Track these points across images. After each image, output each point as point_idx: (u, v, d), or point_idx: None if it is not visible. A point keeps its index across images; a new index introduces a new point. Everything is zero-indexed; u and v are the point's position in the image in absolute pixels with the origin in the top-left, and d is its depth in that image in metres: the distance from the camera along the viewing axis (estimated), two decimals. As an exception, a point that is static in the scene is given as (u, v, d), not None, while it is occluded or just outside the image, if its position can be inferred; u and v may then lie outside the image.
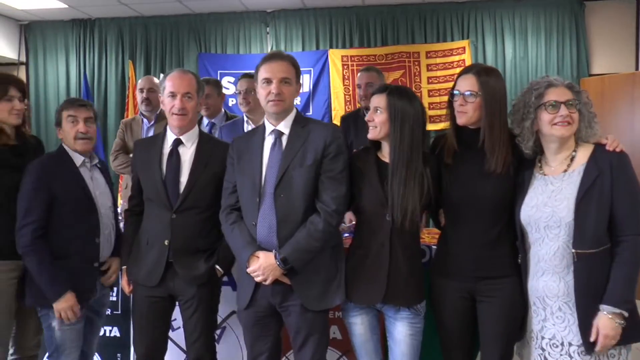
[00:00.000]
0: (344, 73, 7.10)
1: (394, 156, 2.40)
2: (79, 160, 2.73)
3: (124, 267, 2.79)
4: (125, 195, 3.36)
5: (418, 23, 7.19)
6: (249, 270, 2.42)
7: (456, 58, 6.99)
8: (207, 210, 2.65)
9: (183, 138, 2.68)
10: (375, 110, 2.44)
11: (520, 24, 7.01)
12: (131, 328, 2.92)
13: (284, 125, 2.49)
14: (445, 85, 6.91)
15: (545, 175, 2.30)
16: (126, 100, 7.07)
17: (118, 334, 3.30)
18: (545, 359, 2.25)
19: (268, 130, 2.51)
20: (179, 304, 2.73)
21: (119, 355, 3.35)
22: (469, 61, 6.89)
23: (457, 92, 2.43)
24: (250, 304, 2.49)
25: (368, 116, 2.46)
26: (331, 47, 7.27)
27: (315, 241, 2.37)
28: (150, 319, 2.68)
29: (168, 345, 2.85)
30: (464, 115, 2.41)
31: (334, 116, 6.99)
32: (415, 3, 7.11)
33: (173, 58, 7.60)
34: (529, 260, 2.33)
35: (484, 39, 7.10)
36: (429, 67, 7.05)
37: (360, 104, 4.17)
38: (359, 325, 2.52)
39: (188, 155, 2.67)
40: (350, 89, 7.09)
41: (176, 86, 2.63)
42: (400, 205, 2.35)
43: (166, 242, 2.61)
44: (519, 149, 2.34)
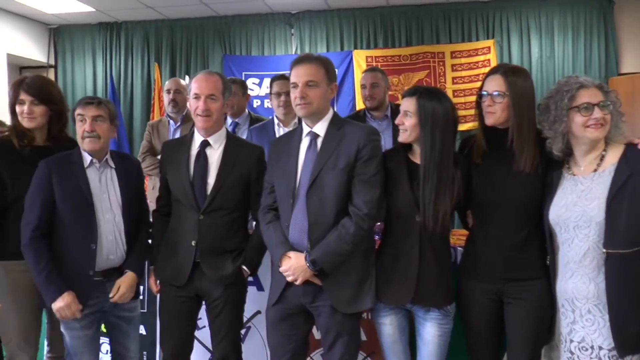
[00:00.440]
0: (367, 74, 7.08)
1: (426, 161, 2.38)
2: (87, 161, 2.66)
3: (151, 267, 2.83)
4: (151, 196, 3.38)
5: (443, 23, 7.16)
6: (281, 270, 2.45)
7: (481, 58, 6.94)
8: (234, 212, 2.67)
9: (210, 140, 2.70)
10: (405, 114, 2.43)
11: (546, 22, 6.93)
12: (157, 327, 2.95)
13: (319, 127, 2.49)
14: (470, 85, 6.88)
15: (574, 175, 2.27)
16: (152, 102, 7.13)
17: (144, 332, 3.33)
18: (574, 362, 2.22)
19: (304, 132, 2.52)
20: (205, 304, 2.75)
21: (144, 353, 3.38)
22: (494, 61, 6.83)
23: (485, 93, 2.41)
24: (280, 300, 2.51)
25: (398, 120, 2.45)
26: (355, 48, 7.26)
27: (345, 244, 2.37)
28: (177, 318, 2.71)
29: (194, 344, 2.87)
30: (492, 116, 2.39)
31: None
32: (439, 3, 7.07)
33: (198, 60, 7.66)
34: (558, 262, 2.31)
35: (509, 38, 7.04)
36: (454, 68, 7.01)
37: (365, 104, 4.14)
38: (388, 325, 2.51)
39: (215, 156, 2.69)
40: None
41: (201, 88, 2.64)
42: (433, 210, 2.34)
43: (193, 243, 2.63)
44: (547, 149, 2.31)
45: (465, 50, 7.01)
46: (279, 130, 3.85)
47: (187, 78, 5.71)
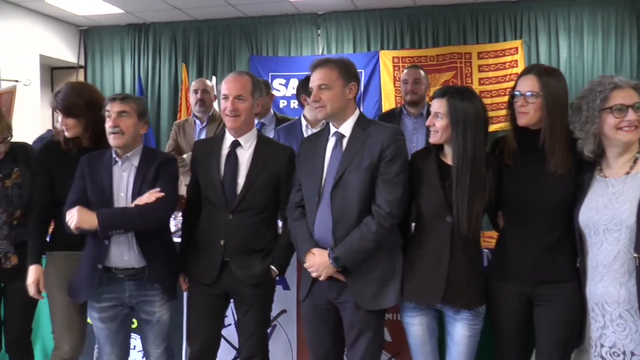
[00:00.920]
0: (395, 74, 7.05)
1: (458, 162, 2.38)
2: (114, 158, 2.70)
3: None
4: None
5: (470, 23, 7.11)
6: (305, 266, 2.51)
7: (508, 59, 6.86)
8: (264, 212, 2.70)
9: (241, 140, 2.72)
10: (435, 115, 2.42)
11: (575, 22, 6.84)
12: (183, 324, 2.98)
13: (345, 128, 2.52)
14: (497, 86, 6.82)
15: (606, 177, 2.24)
16: (179, 102, 7.20)
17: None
18: (605, 368, 2.19)
19: (331, 132, 2.56)
20: (233, 302, 2.79)
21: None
22: (521, 62, 6.76)
23: (518, 93, 2.39)
24: (309, 295, 2.57)
25: (429, 121, 2.45)
26: (382, 49, 7.24)
27: (367, 242, 2.39)
28: (205, 315, 2.74)
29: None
30: (525, 116, 2.38)
31: (384, 118, 6.96)
32: (467, 3, 7.02)
33: (225, 61, 7.72)
34: (587, 265, 2.28)
35: (537, 38, 6.96)
36: (481, 68, 6.94)
37: (406, 99, 4.15)
38: (416, 326, 2.52)
39: (246, 157, 2.71)
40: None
41: (229, 89, 2.68)
42: (466, 212, 2.34)
43: (222, 242, 2.66)
44: (578, 149, 2.28)
45: (493, 51, 6.93)
46: (307, 130, 3.86)
47: (214, 79, 5.76)
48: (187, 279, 2.82)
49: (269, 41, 7.61)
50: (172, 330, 2.87)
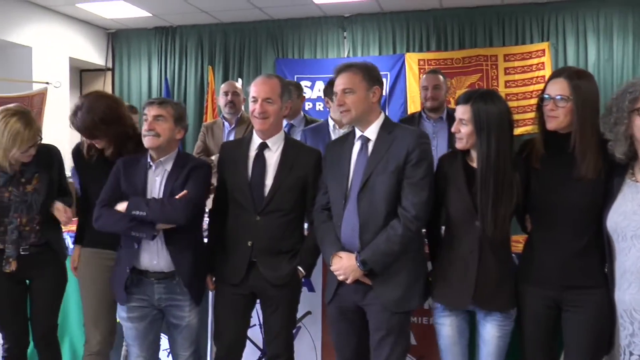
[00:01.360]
0: (421, 77, 7.01)
1: (483, 166, 2.37)
2: (147, 163, 2.73)
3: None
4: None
5: (496, 25, 7.07)
6: (332, 269, 2.52)
7: (535, 61, 6.76)
8: (291, 213, 2.71)
9: (269, 142, 2.74)
10: (460, 122, 2.42)
11: (605, 24, 6.75)
12: (209, 323, 3.00)
13: (370, 132, 2.53)
14: (523, 89, 6.75)
15: (637, 182, 2.20)
16: (205, 104, 7.26)
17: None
18: (635, 376, 2.16)
19: (356, 136, 2.57)
20: (260, 302, 2.80)
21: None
22: (548, 64, 6.67)
23: (548, 96, 2.36)
24: (334, 298, 2.58)
25: (454, 127, 2.45)
26: (408, 51, 7.22)
27: (394, 245, 2.40)
28: (232, 315, 2.75)
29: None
30: (555, 120, 2.35)
31: (409, 120, 6.94)
32: (494, 5, 6.98)
33: (251, 63, 7.77)
34: (615, 271, 2.24)
35: (565, 40, 6.89)
36: (507, 71, 6.86)
37: (426, 105, 4.14)
38: (447, 326, 2.52)
39: (273, 159, 2.73)
40: (427, 92, 7.02)
41: (258, 91, 2.70)
42: (491, 215, 2.34)
43: (250, 243, 2.68)
44: (609, 151, 2.25)
45: (519, 53, 6.85)
46: (334, 131, 3.89)
47: (240, 81, 5.80)
48: (214, 279, 2.84)
49: (294, 44, 7.64)
50: (198, 330, 2.88)
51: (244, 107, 4.45)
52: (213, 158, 4.01)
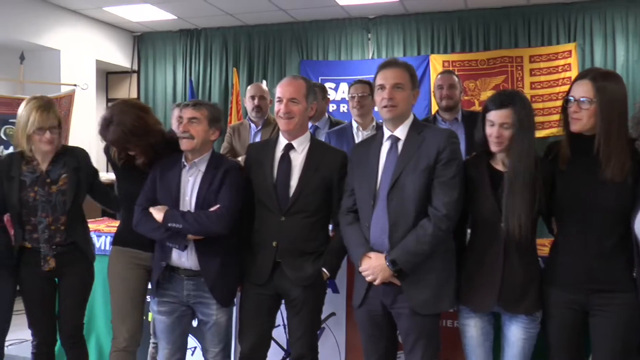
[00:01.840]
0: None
1: (513, 169, 2.37)
2: (182, 163, 2.78)
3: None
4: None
5: (522, 26, 6.99)
6: (360, 269, 2.50)
7: (561, 62, 6.69)
8: (316, 214, 2.71)
9: (294, 143, 2.75)
10: (501, 126, 2.38)
11: (634, 24, 6.61)
12: (233, 322, 3.01)
13: (400, 131, 2.53)
14: (549, 90, 6.67)
15: None
16: (229, 105, 7.30)
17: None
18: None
19: (385, 136, 2.57)
20: (284, 303, 2.80)
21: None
22: (575, 65, 6.59)
23: (572, 98, 2.34)
24: (364, 302, 2.56)
25: (496, 132, 2.40)
26: (432, 53, 7.18)
27: (424, 245, 2.39)
28: (257, 314, 2.77)
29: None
30: (578, 122, 2.33)
31: (433, 122, 6.89)
32: (519, 5, 6.91)
33: (275, 65, 7.79)
34: (642, 275, 2.22)
35: (592, 41, 6.78)
36: (533, 72, 6.79)
37: (441, 104, 4.11)
38: (472, 328, 2.51)
39: (299, 160, 2.74)
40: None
41: (283, 92, 2.72)
42: (517, 219, 2.32)
43: (274, 244, 2.68)
44: (638, 148, 2.22)
45: (545, 54, 6.77)
46: (358, 133, 3.90)
47: (264, 82, 5.82)
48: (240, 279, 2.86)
49: (319, 45, 7.64)
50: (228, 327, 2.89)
51: (270, 110, 4.48)
52: (239, 159, 4.03)
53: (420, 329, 2.47)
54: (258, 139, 4.21)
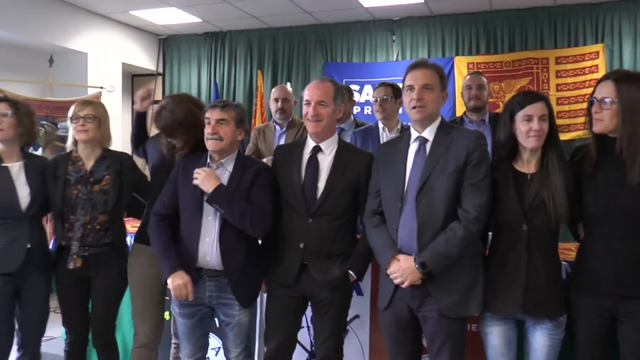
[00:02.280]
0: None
1: (542, 168, 2.37)
2: (207, 163, 2.79)
3: None
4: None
5: (548, 27, 6.88)
6: (388, 272, 2.48)
7: (588, 64, 6.57)
8: (343, 216, 2.71)
9: (322, 145, 2.76)
10: (541, 118, 2.38)
11: (666, 24, 6.48)
12: (257, 322, 3.03)
13: (428, 132, 2.52)
14: (575, 92, 6.57)
15: None
16: (254, 108, 7.33)
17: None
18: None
19: (413, 137, 2.56)
20: (311, 305, 2.81)
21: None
22: (602, 67, 6.47)
23: (594, 99, 2.34)
24: (390, 305, 2.55)
25: (536, 126, 2.38)
26: (457, 54, 7.11)
27: (453, 247, 2.37)
28: (283, 316, 2.78)
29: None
30: (600, 123, 2.32)
31: (457, 124, 6.85)
32: (545, 6, 6.81)
33: (299, 67, 7.79)
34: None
35: (620, 42, 6.64)
36: (559, 74, 6.69)
37: (469, 105, 4.08)
38: (495, 336, 2.48)
39: (326, 162, 2.74)
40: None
41: (311, 94, 2.73)
42: (546, 218, 2.31)
43: (301, 246, 2.69)
44: None
45: (572, 56, 6.67)
46: (383, 135, 3.91)
47: (289, 84, 5.84)
48: (267, 281, 2.87)
49: (343, 48, 7.62)
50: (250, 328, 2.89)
51: (294, 111, 4.49)
52: (265, 160, 4.06)
53: (447, 333, 2.45)
54: (283, 141, 4.23)
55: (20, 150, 3.11)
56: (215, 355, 3.53)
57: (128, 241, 3.33)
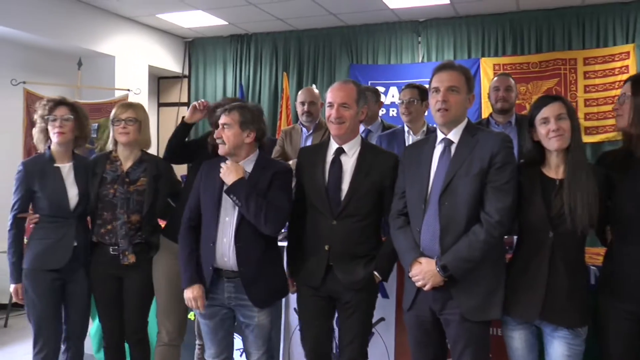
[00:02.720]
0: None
1: (574, 166, 2.32)
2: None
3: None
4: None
5: (576, 27, 6.77)
6: (410, 274, 2.48)
7: (618, 64, 6.46)
8: (367, 218, 2.71)
9: (345, 147, 2.76)
10: (558, 117, 2.35)
11: (700, 23, 6.33)
12: (281, 324, 3.04)
13: (453, 134, 2.50)
14: (604, 94, 6.47)
15: None
16: (279, 110, 7.36)
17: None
18: None
19: (439, 139, 2.54)
20: (337, 306, 2.81)
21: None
22: (633, 67, 6.36)
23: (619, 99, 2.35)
24: (412, 306, 2.55)
25: (554, 126, 2.36)
26: (483, 56, 7.06)
27: (475, 251, 2.35)
28: (315, 316, 2.80)
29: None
30: (620, 119, 2.34)
31: (483, 126, 6.78)
32: (573, 6, 6.71)
33: (325, 69, 7.79)
34: None
35: (652, 42, 6.52)
36: (587, 75, 6.59)
37: (497, 106, 4.03)
38: (516, 340, 2.47)
39: (350, 163, 2.74)
40: (502, 97, 6.85)
41: (334, 97, 2.73)
42: (576, 217, 2.27)
43: (326, 247, 2.70)
44: None
45: (601, 56, 6.57)
46: (409, 137, 3.89)
47: (314, 86, 5.85)
48: (295, 282, 2.89)
49: (369, 49, 7.60)
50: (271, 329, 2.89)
51: (321, 114, 4.50)
52: (291, 162, 4.07)
53: (469, 336, 2.43)
54: (309, 143, 4.23)
55: (71, 152, 3.21)
56: (240, 356, 3.54)
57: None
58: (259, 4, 6.74)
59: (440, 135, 2.54)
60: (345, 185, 2.71)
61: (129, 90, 6.92)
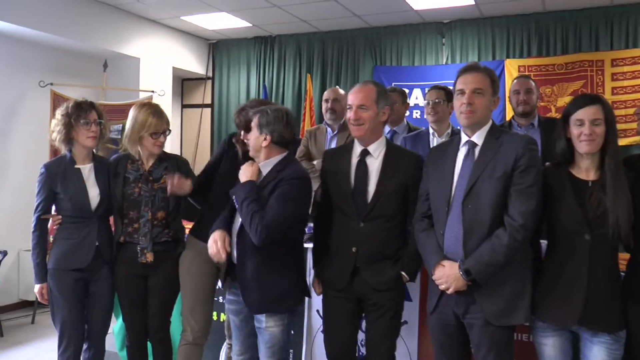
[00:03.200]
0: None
1: (612, 169, 2.30)
2: None
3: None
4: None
5: (604, 28, 6.64)
6: (434, 278, 2.47)
7: (648, 66, 6.36)
8: (393, 219, 2.71)
9: (370, 148, 2.76)
10: (593, 122, 2.32)
11: None
12: (304, 328, 3.03)
13: (477, 137, 2.48)
14: (632, 96, 6.33)
15: None
16: (303, 111, 7.37)
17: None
18: None
19: (463, 141, 2.53)
20: (365, 308, 2.80)
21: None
22: (663, 69, 6.27)
23: None
24: (436, 309, 2.54)
25: (588, 130, 2.32)
26: (508, 57, 6.97)
27: (498, 255, 2.32)
28: (341, 318, 2.79)
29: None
30: None
31: (508, 128, 6.70)
32: (601, 6, 6.58)
33: (348, 71, 7.77)
34: None
35: (684, 42, 6.37)
36: (614, 77, 6.46)
37: (518, 110, 3.98)
38: (549, 347, 2.42)
39: (375, 165, 2.74)
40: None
41: (352, 99, 2.74)
42: (622, 214, 2.24)
43: (354, 250, 2.70)
44: None
45: (629, 58, 6.43)
46: (433, 140, 3.88)
47: (338, 88, 5.84)
48: (321, 284, 2.89)
49: (392, 51, 7.57)
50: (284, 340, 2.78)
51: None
52: (315, 163, 4.09)
53: (492, 341, 2.40)
54: (334, 143, 4.23)
55: (92, 153, 3.27)
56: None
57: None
58: (283, 6, 6.75)
59: (464, 138, 2.52)
60: (371, 187, 2.71)
61: (153, 91, 6.98)
